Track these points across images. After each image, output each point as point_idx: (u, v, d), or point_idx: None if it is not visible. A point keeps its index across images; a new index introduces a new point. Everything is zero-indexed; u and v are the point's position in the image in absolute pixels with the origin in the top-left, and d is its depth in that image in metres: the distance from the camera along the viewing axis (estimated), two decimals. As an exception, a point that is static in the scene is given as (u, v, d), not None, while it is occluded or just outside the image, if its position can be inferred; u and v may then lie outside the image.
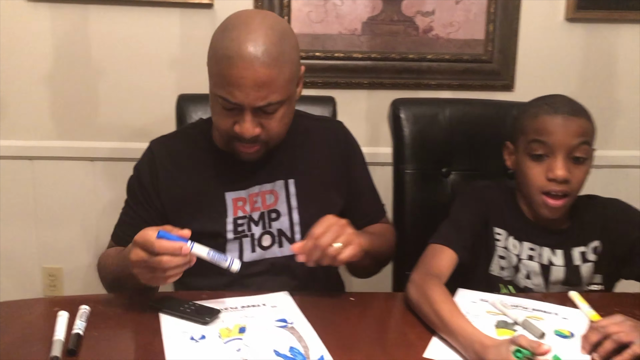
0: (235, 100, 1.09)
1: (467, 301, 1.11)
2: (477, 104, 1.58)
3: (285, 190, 1.24)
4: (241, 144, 1.15)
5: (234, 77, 1.07)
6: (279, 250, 1.22)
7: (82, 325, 0.95)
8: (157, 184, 1.22)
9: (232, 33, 1.09)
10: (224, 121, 1.13)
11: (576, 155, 1.15)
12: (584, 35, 2.02)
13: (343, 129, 1.35)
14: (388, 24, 1.97)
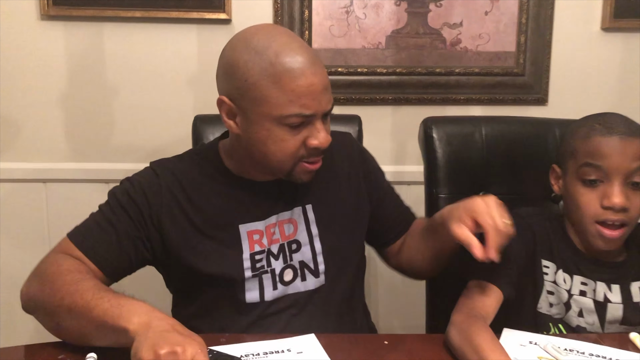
0: (309, 111, 1.02)
1: (515, 344, 1.00)
2: (515, 122, 1.48)
3: (304, 217, 1.15)
4: (309, 163, 1.07)
5: (305, 87, 1.00)
6: (302, 285, 1.12)
7: (89, 379, 0.86)
8: (160, 213, 1.08)
9: (274, 47, 1.01)
10: (292, 143, 1.04)
11: (635, 181, 1.04)
12: (621, 45, 1.92)
13: (352, 140, 1.29)
14: (413, 37, 1.89)
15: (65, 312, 0.92)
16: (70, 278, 0.96)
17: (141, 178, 1.12)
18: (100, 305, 0.89)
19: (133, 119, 1.86)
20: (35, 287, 0.99)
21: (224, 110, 1.07)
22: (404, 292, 1.94)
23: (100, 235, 1.07)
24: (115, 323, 0.86)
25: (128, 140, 1.87)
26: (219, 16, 1.78)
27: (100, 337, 0.90)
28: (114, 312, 0.87)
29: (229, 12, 1.78)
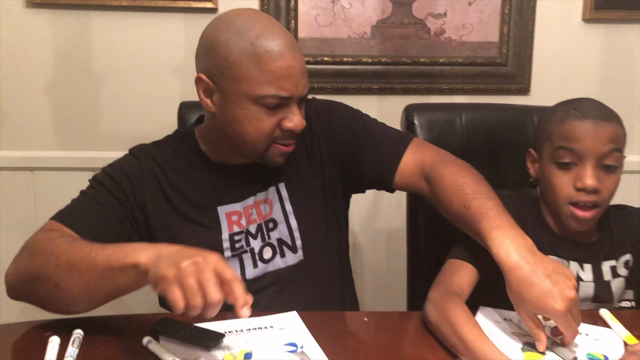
0: (286, 93, 1.04)
1: (490, 321, 1.03)
2: (496, 109, 1.51)
3: (278, 196, 1.18)
4: (282, 145, 1.09)
5: (284, 69, 1.03)
6: (282, 261, 1.16)
7: (75, 353, 0.88)
8: (143, 195, 1.10)
9: (255, 29, 1.03)
10: (267, 123, 1.06)
11: (607, 163, 1.08)
12: (602, 36, 1.96)
13: (316, 106, 1.24)
14: (398, 27, 1.91)
15: (63, 269, 0.90)
16: (63, 240, 0.95)
17: (122, 163, 1.15)
18: (101, 253, 0.88)
19: (120, 107, 1.87)
20: (24, 260, 0.97)
21: (202, 88, 1.09)
22: (387, 277, 1.98)
23: (87, 212, 1.07)
24: (123, 263, 0.85)
25: (115, 128, 1.88)
26: (206, 5, 1.79)
27: (105, 285, 0.89)
28: (118, 254, 0.87)
29: (215, 1, 1.79)
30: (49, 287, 0.92)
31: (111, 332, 0.96)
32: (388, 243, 2.02)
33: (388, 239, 2.01)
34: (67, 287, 0.90)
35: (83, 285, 0.90)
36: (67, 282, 0.90)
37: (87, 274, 0.88)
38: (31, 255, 0.95)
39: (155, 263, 0.82)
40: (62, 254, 0.91)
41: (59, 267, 0.90)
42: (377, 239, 2.02)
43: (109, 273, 0.87)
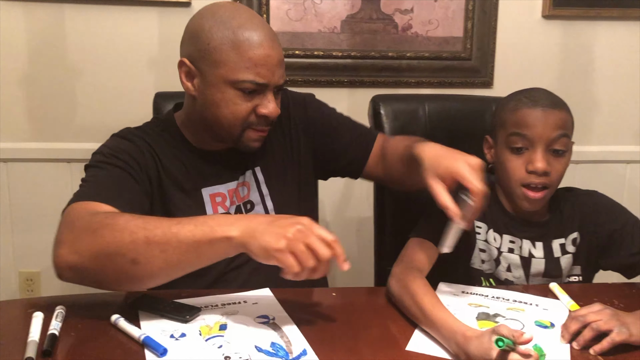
0: (262, 80, 1.10)
1: (449, 294, 1.11)
2: (457, 99, 1.59)
3: (254, 179, 1.24)
4: (256, 130, 1.15)
5: (262, 57, 1.09)
6: None
7: (58, 326, 0.93)
8: (147, 174, 1.14)
9: (238, 19, 1.10)
10: (242, 107, 1.11)
11: (555, 148, 1.16)
12: (560, 32, 2.05)
13: (290, 97, 1.31)
14: (367, 22, 1.98)
15: (142, 245, 0.90)
16: (128, 216, 0.95)
17: (119, 145, 1.15)
18: (183, 229, 0.91)
19: (95, 99, 1.90)
20: (87, 239, 0.93)
21: (184, 72, 1.15)
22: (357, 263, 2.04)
23: (112, 186, 1.06)
24: (212, 236, 0.90)
25: (90, 120, 1.91)
26: (179, -1, 1.84)
27: (190, 259, 0.92)
28: (203, 228, 0.91)
29: (188, -5, 1.84)
30: (124, 264, 0.91)
31: (93, 308, 1.01)
32: (358, 231, 2.09)
33: (358, 227, 2.08)
34: (146, 263, 0.91)
35: (165, 261, 0.91)
36: (146, 257, 0.91)
37: (171, 249, 0.90)
38: (95, 232, 0.92)
39: (255, 236, 0.89)
40: (137, 229, 0.91)
41: (137, 243, 0.90)
42: (348, 227, 2.09)
43: (196, 247, 0.90)
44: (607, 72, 2.08)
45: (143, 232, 0.91)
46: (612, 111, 2.11)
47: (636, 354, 0.92)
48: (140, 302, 1.02)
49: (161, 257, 0.91)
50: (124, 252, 0.91)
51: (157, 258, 0.91)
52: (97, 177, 1.09)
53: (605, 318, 0.93)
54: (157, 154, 1.17)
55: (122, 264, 0.91)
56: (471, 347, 0.86)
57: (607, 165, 2.13)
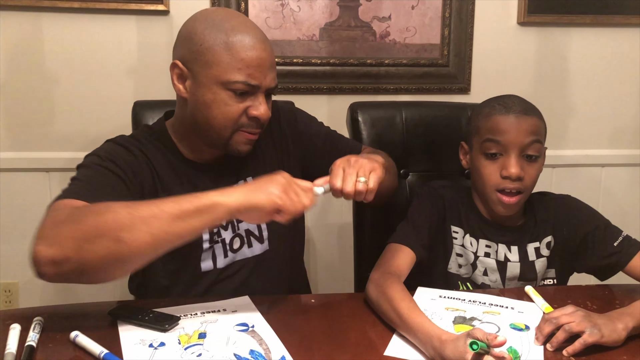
0: (254, 81, 1.10)
1: (426, 299, 1.13)
2: (433, 106, 1.61)
3: None
4: (247, 133, 1.14)
5: (254, 59, 1.09)
6: (249, 251, 1.22)
7: (36, 337, 0.93)
8: (142, 185, 1.12)
9: (231, 23, 1.11)
10: (233, 109, 1.11)
11: (528, 153, 1.19)
12: (535, 38, 2.08)
13: (281, 108, 1.32)
14: (346, 30, 2.00)
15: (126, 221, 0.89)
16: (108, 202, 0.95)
17: (116, 151, 1.13)
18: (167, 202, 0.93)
19: (73, 108, 1.89)
20: (66, 228, 0.90)
21: (176, 74, 1.14)
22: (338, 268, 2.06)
23: (101, 188, 1.04)
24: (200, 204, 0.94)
25: (68, 129, 1.90)
26: (157, 7, 1.84)
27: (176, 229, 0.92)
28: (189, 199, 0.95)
29: (167, 4, 1.84)
30: (108, 244, 0.88)
31: (72, 318, 1.01)
32: (339, 237, 2.10)
33: (339, 232, 2.10)
34: (131, 239, 0.89)
35: (151, 235, 0.90)
36: (130, 232, 0.89)
37: (156, 221, 0.90)
38: (75, 221, 0.91)
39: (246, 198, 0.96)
40: (119, 208, 0.91)
41: (119, 220, 0.89)
42: (329, 233, 2.10)
43: (183, 217, 0.92)
44: (581, 77, 2.12)
45: (125, 209, 0.90)
46: (587, 115, 2.14)
47: (608, 354, 0.95)
48: (119, 312, 1.02)
49: (146, 231, 0.89)
50: (107, 231, 0.88)
51: (142, 232, 0.89)
52: (89, 177, 1.07)
53: (577, 320, 0.95)
54: (152, 164, 1.16)
55: (106, 246, 0.88)
56: (447, 350, 0.87)
57: (583, 168, 2.17)
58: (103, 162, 1.10)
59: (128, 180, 1.10)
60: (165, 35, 1.87)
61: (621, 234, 1.22)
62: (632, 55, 2.12)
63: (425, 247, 1.20)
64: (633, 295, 1.14)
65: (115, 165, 1.10)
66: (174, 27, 1.87)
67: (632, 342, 0.97)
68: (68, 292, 1.95)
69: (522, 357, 0.93)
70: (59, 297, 1.96)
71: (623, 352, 0.95)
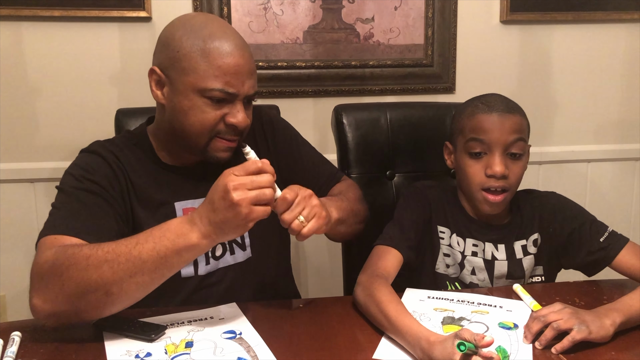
0: (232, 89, 1.09)
1: (415, 300, 1.12)
2: (417, 107, 1.61)
3: None
4: (224, 140, 1.13)
5: (232, 66, 1.08)
6: (232, 258, 1.21)
7: (13, 353, 0.91)
8: (117, 190, 1.12)
9: (209, 29, 1.09)
10: (210, 116, 1.10)
11: (512, 152, 1.19)
12: (518, 36, 2.09)
13: (261, 114, 1.31)
14: (329, 32, 1.99)
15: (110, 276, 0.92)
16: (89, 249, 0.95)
17: (89, 162, 1.13)
18: (144, 248, 0.93)
19: (56, 117, 1.87)
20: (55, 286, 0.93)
21: (154, 80, 1.14)
22: (328, 271, 2.05)
23: (83, 217, 1.05)
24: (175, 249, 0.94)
25: (52, 139, 1.88)
26: (139, 14, 1.83)
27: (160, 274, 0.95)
28: (164, 243, 0.94)
29: (149, 10, 1.83)
30: (98, 298, 0.93)
31: (56, 330, 1.00)
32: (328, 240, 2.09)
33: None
34: (120, 291, 0.93)
35: (136, 284, 0.94)
36: (117, 286, 0.93)
37: (139, 272, 0.93)
38: (61, 276, 0.93)
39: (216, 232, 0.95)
40: (101, 262, 0.93)
41: (104, 276, 0.92)
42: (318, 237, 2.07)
43: (163, 262, 0.94)
44: (564, 74, 2.13)
45: (106, 265, 0.92)
46: (572, 112, 2.16)
47: (596, 350, 0.95)
48: (104, 323, 1.00)
49: (132, 282, 0.93)
50: (95, 288, 0.92)
51: (129, 283, 0.93)
52: (67, 206, 1.07)
53: (565, 317, 0.95)
54: (125, 169, 1.15)
55: (96, 299, 0.93)
56: (435, 352, 0.87)
57: (568, 164, 2.18)
58: (80, 183, 1.09)
59: (108, 195, 1.10)
60: (148, 42, 1.86)
61: (607, 229, 1.22)
62: (614, 51, 2.13)
63: (412, 248, 1.20)
64: (620, 291, 1.14)
65: (92, 182, 1.09)
66: (156, 33, 1.83)
67: (619, 338, 0.98)
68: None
69: (510, 356, 0.93)
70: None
71: (611, 348, 0.95)
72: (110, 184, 1.12)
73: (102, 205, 1.08)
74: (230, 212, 0.93)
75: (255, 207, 0.94)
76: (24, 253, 1.92)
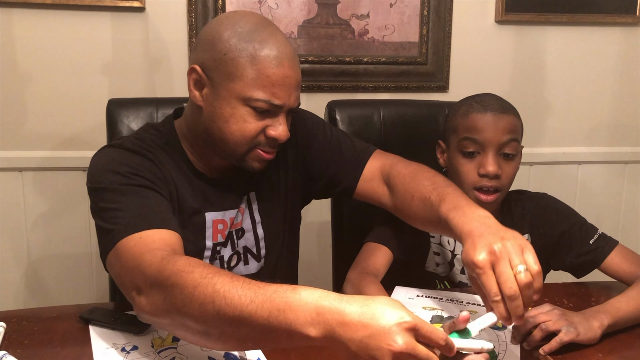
0: (278, 101, 1.03)
1: (404, 298, 1.12)
2: (411, 105, 1.61)
3: (247, 205, 1.18)
4: (263, 151, 1.07)
5: (280, 77, 1.02)
6: (245, 268, 1.18)
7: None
8: (168, 187, 1.05)
9: (260, 34, 1.02)
10: (252, 126, 1.04)
11: (506, 152, 1.19)
12: (513, 36, 2.10)
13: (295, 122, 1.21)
14: (324, 27, 1.99)
15: (213, 321, 0.78)
16: (193, 276, 0.80)
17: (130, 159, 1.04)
18: (259, 312, 0.75)
19: (46, 106, 1.85)
20: (158, 296, 0.83)
21: (192, 80, 1.07)
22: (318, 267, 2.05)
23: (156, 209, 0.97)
24: (289, 330, 0.74)
25: (42, 127, 1.86)
26: (133, 4, 1.81)
27: (265, 342, 0.79)
28: (279, 318, 0.74)
29: (142, 0, 1.81)
30: (196, 331, 0.81)
31: (41, 322, 0.99)
32: (319, 235, 2.09)
33: (319, 231, 2.09)
34: (219, 337, 0.80)
35: (238, 340, 0.79)
36: (218, 332, 0.79)
37: (244, 329, 0.77)
38: (165, 290, 0.82)
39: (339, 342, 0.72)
40: (206, 299, 0.78)
41: (207, 317, 0.78)
42: (309, 231, 2.09)
43: (272, 335, 0.76)
44: (557, 76, 2.14)
45: (212, 307, 0.77)
46: (564, 113, 2.16)
47: (583, 352, 0.95)
48: (91, 315, 1.00)
49: (234, 335, 0.78)
50: (195, 321, 0.80)
51: (230, 335, 0.79)
52: (128, 202, 0.96)
53: (554, 318, 0.95)
54: (166, 169, 1.08)
55: (194, 330, 0.81)
56: None
57: (559, 166, 2.19)
58: (130, 180, 0.99)
59: (161, 190, 1.02)
60: (141, 32, 1.84)
61: (597, 231, 1.23)
62: (607, 54, 2.14)
63: (402, 245, 1.20)
64: (608, 293, 1.15)
65: (143, 178, 1.00)
66: (149, 24, 1.84)
67: (607, 340, 0.98)
68: (43, 295, 1.92)
69: (498, 356, 0.93)
70: (34, 300, 1.92)
71: (598, 350, 0.96)
72: (160, 180, 1.04)
73: (163, 201, 0.99)
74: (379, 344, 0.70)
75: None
76: (12, 242, 1.90)
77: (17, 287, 1.91)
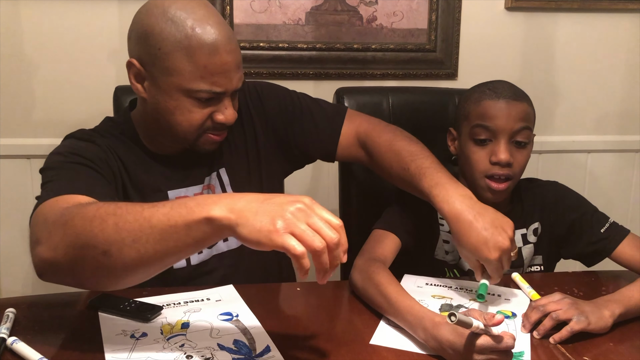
0: (220, 89, 1.04)
1: (413, 286, 1.12)
2: (420, 92, 1.59)
3: (219, 181, 1.20)
4: (213, 134, 1.10)
5: (218, 65, 1.02)
6: (225, 245, 1.18)
7: (8, 329, 0.90)
8: (110, 168, 1.07)
9: (191, 20, 1.01)
10: (198, 115, 1.05)
11: (518, 140, 1.17)
12: (523, 23, 2.07)
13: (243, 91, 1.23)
14: (332, 14, 1.97)
15: (112, 233, 0.77)
16: (98, 204, 0.83)
17: (76, 145, 1.07)
18: (157, 212, 0.77)
19: (54, 93, 1.85)
20: (58, 234, 0.82)
21: (133, 73, 1.07)
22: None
23: (85, 179, 0.98)
24: (189, 219, 0.75)
25: (50, 115, 1.86)
26: (140, -10, 1.79)
27: (165, 247, 0.77)
28: (179, 210, 0.76)
29: (149, -13, 1.80)
30: (96, 256, 0.79)
31: (51, 308, 0.99)
32: (326, 223, 2.08)
33: (326, 219, 2.08)
34: (118, 254, 0.78)
35: (137, 252, 0.77)
36: (118, 247, 0.77)
37: (143, 236, 0.76)
38: (66, 224, 0.81)
39: (244, 215, 0.74)
40: (107, 216, 0.79)
41: (106, 231, 0.78)
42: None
43: (171, 233, 0.76)
44: (568, 63, 2.11)
45: (112, 219, 0.78)
46: (573, 101, 2.14)
47: (594, 341, 0.94)
48: (99, 302, 1.00)
49: (133, 247, 0.77)
50: (94, 242, 0.78)
51: (129, 248, 0.77)
52: (60, 175, 0.98)
53: (564, 307, 0.95)
54: (116, 152, 1.10)
55: (94, 256, 0.79)
56: (442, 331, 0.86)
57: (568, 154, 2.17)
58: (68, 158, 1.02)
59: (102, 170, 1.04)
60: (148, 19, 1.83)
61: (608, 220, 1.22)
62: (618, 41, 2.11)
63: (411, 233, 1.19)
64: (619, 282, 1.14)
65: (82, 157, 1.03)
66: (156, 10, 1.83)
67: (618, 329, 0.97)
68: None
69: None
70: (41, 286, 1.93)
71: (609, 339, 0.95)
72: (101, 160, 1.05)
73: (100, 177, 1.02)
74: (281, 200, 0.75)
75: (302, 223, 0.73)
76: (21, 230, 1.91)
77: (26, 273, 1.92)
